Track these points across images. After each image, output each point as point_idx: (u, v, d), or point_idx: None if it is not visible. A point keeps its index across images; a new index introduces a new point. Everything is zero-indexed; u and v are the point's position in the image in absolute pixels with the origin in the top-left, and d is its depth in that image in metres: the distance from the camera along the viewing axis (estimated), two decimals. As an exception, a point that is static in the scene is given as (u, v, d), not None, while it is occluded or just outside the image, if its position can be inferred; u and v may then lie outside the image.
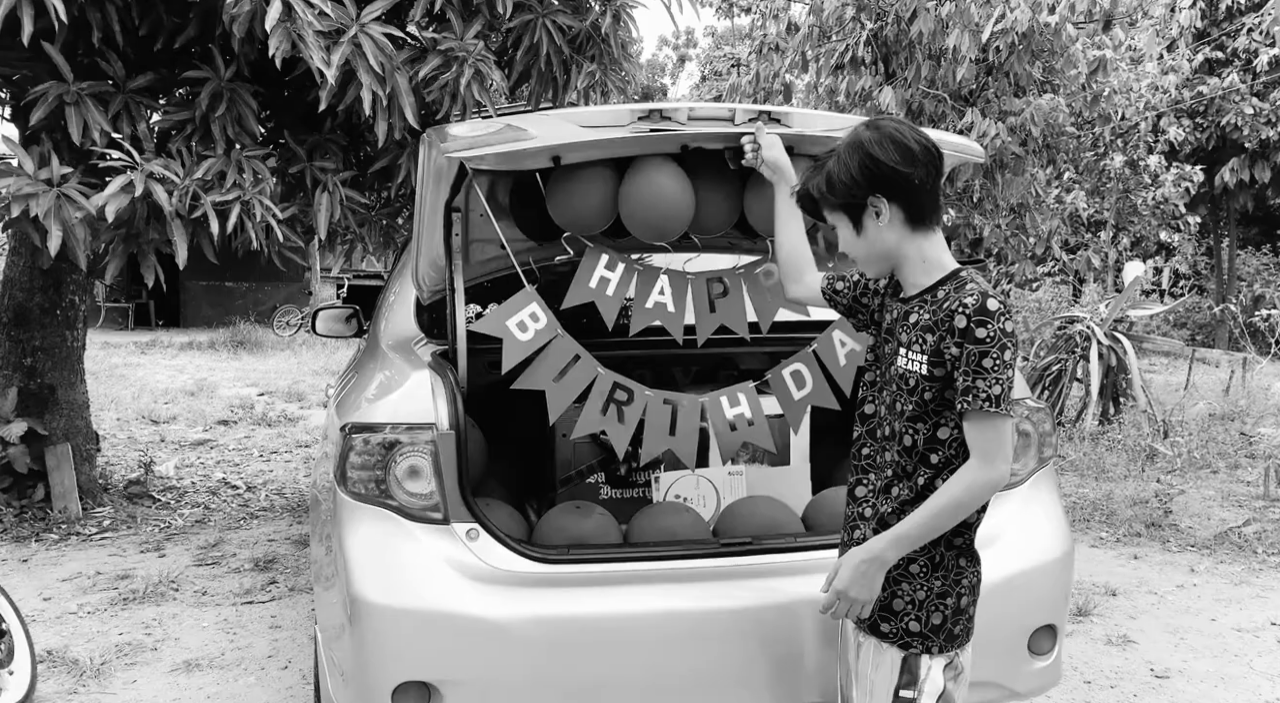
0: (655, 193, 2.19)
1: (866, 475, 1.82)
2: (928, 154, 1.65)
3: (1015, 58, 8.15)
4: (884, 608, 1.73)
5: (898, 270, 1.76)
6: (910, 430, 1.70)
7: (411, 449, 2.12)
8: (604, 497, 2.61)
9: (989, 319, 1.58)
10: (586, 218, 2.26)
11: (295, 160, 4.56)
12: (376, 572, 2.08)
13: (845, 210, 1.71)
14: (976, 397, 1.58)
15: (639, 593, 2.14)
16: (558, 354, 2.25)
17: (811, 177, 1.75)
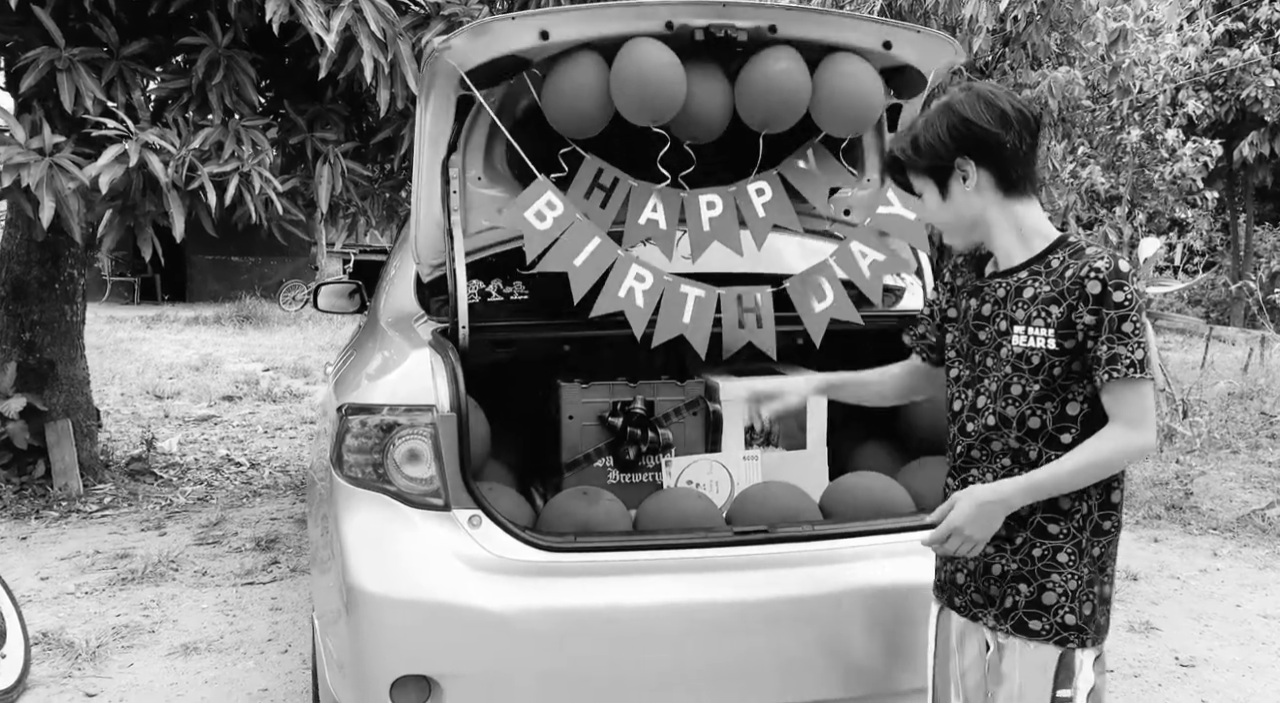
0: (644, 65, 2.17)
1: (969, 472, 1.69)
2: (1023, 118, 1.56)
3: (1034, 28, 7.95)
4: (1032, 603, 1.60)
5: (988, 241, 1.65)
6: (1037, 412, 1.58)
7: (411, 432, 2.02)
8: (612, 481, 2.50)
9: (1124, 282, 1.50)
10: (581, 113, 2.23)
11: (295, 131, 4.44)
12: (374, 560, 1.98)
13: (931, 174, 1.63)
14: (1121, 363, 1.49)
15: (649, 583, 2.04)
16: (577, 237, 2.30)
17: (898, 139, 1.66)
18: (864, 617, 2.11)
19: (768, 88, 2.28)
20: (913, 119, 1.67)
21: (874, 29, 2.34)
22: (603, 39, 2.22)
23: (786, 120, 2.34)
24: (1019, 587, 1.60)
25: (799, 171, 2.52)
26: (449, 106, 2.34)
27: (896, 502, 2.31)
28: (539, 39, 2.18)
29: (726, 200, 2.49)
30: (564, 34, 2.20)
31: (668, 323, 2.36)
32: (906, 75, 2.44)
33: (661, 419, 2.51)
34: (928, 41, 2.36)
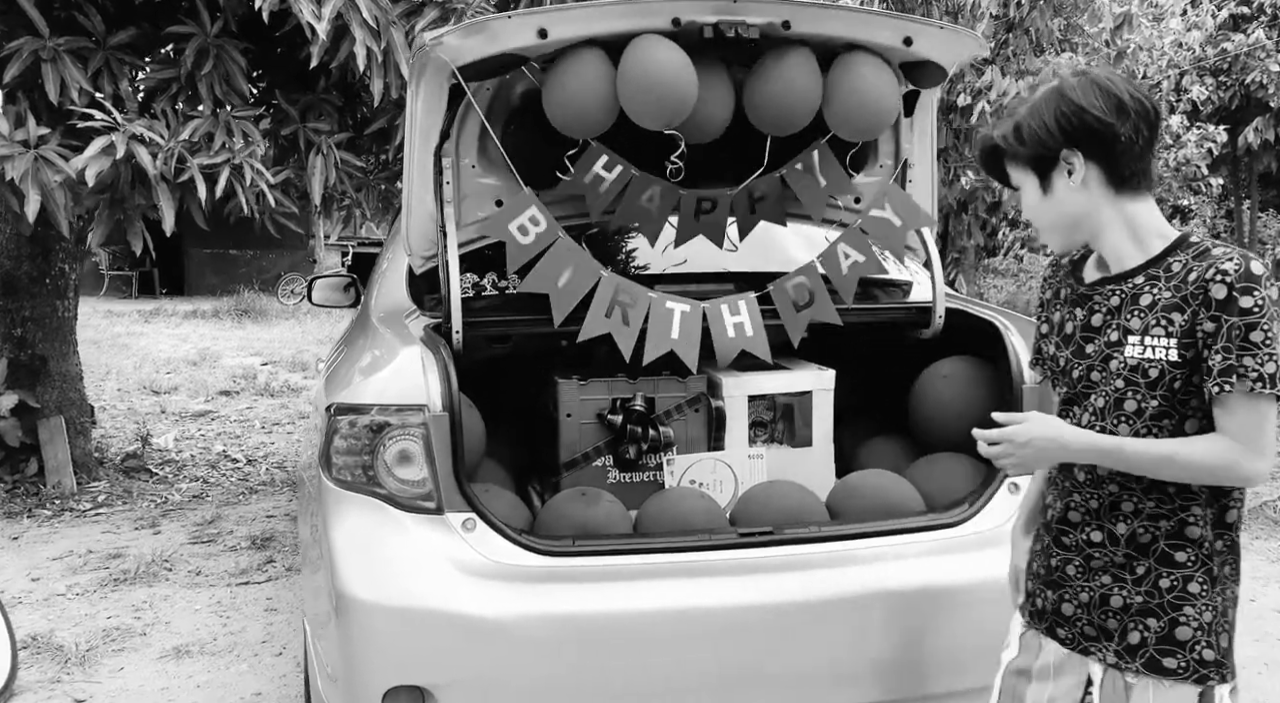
0: (655, 68, 2.06)
1: (1073, 497, 1.52)
2: (1142, 109, 1.41)
3: (1037, 13, 7.86)
4: (1164, 639, 1.43)
5: (1095, 241, 1.49)
6: (1153, 430, 1.42)
7: (401, 432, 1.94)
8: (612, 481, 2.43)
9: (1255, 286, 1.34)
10: (584, 111, 2.13)
11: (288, 121, 4.35)
12: (364, 567, 1.91)
13: (1033, 165, 1.47)
14: (1244, 377, 1.32)
15: (650, 588, 1.97)
16: (560, 257, 2.25)
17: (999, 124, 1.50)
18: (874, 622, 2.04)
19: (778, 90, 2.17)
20: (1013, 101, 1.53)
21: (894, 25, 2.21)
22: (605, 36, 2.11)
23: (796, 124, 2.23)
24: (1147, 622, 1.43)
25: (801, 176, 2.43)
26: (440, 96, 2.25)
27: (906, 501, 2.23)
28: (537, 38, 2.07)
29: (723, 203, 2.43)
30: (564, 32, 2.08)
31: (656, 340, 2.30)
32: (926, 67, 2.34)
33: (663, 416, 2.43)
34: (951, 37, 2.25)
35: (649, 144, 2.33)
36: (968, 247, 9.93)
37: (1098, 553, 1.47)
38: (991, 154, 1.53)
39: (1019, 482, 2.18)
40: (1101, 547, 1.47)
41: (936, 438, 2.49)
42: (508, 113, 2.38)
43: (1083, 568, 1.49)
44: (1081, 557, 1.50)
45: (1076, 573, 1.50)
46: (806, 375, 2.53)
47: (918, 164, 2.57)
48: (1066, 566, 1.51)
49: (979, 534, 2.12)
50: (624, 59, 2.10)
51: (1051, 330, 1.57)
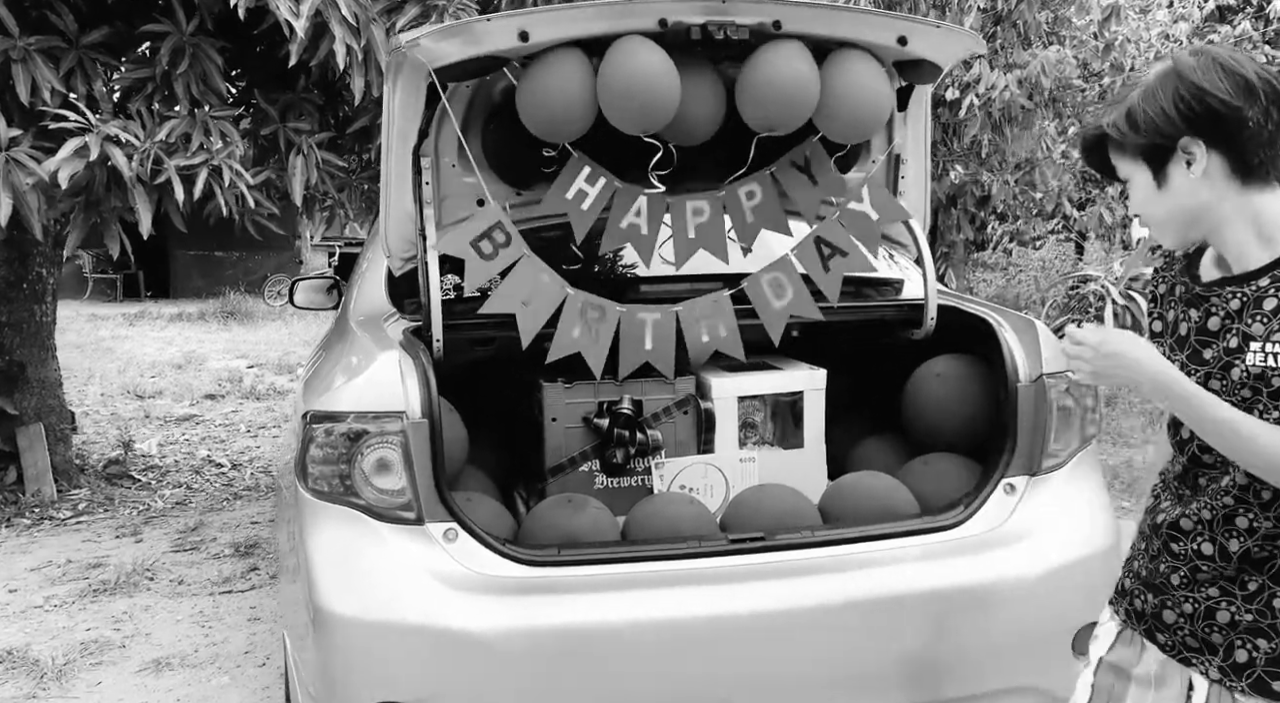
0: (635, 69, 1.99)
1: (1191, 505, 1.40)
2: (1271, 89, 1.27)
3: (1025, 6, 7.82)
4: (1275, 660, 1.32)
5: (1214, 238, 1.35)
6: None
7: (379, 441, 1.88)
8: (599, 487, 2.37)
9: None
10: (562, 114, 2.05)
11: (267, 121, 4.27)
12: (342, 580, 1.85)
13: (1146, 156, 1.32)
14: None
15: (638, 598, 1.91)
16: (525, 275, 2.19)
17: (1109, 111, 1.35)
18: (869, 628, 1.99)
19: (772, 88, 2.09)
20: (1123, 86, 1.36)
21: (889, 24, 2.15)
22: (587, 38, 2.04)
23: (792, 123, 2.15)
24: (1257, 643, 1.32)
25: (792, 174, 2.37)
26: (418, 95, 2.18)
27: (900, 504, 2.18)
28: (518, 41, 1.99)
29: (714, 206, 2.35)
30: (546, 35, 2.01)
31: (630, 352, 2.26)
32: (923, 66, 2.28)
33: (650, 419, 2.37)
34: (947, 36, 2.19)
35: (631, 149, 2.27)
36: (957, 241, 9.91)
37: (1205, 566, 1.36)
38: (1097, 144, 1.38)
39: (1014, 482, 2.13)
40: (1211, 561, 1.35)
41: (931, 438, 2.44)
42: (489, 111, 2.32)
43: (1188, 579, 1.38)
44: (1188, 568, 1.38)
45: (1181, 583, 1.39)
46: (798, 376, 2.47)
47: (911, 159, 2.52)
48: (1172, 574, 1.40)
49: (975, 537, 2.07)
50: (605, 62, 2.03)
51: (1165, 330, 1.43)
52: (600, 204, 2.28)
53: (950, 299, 2.50)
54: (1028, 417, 2.12)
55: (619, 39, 2.01)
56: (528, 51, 2.04)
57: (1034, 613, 2.05)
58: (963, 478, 2.25)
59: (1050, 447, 2.13)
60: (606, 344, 2.24)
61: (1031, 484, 2.12)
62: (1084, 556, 2.09)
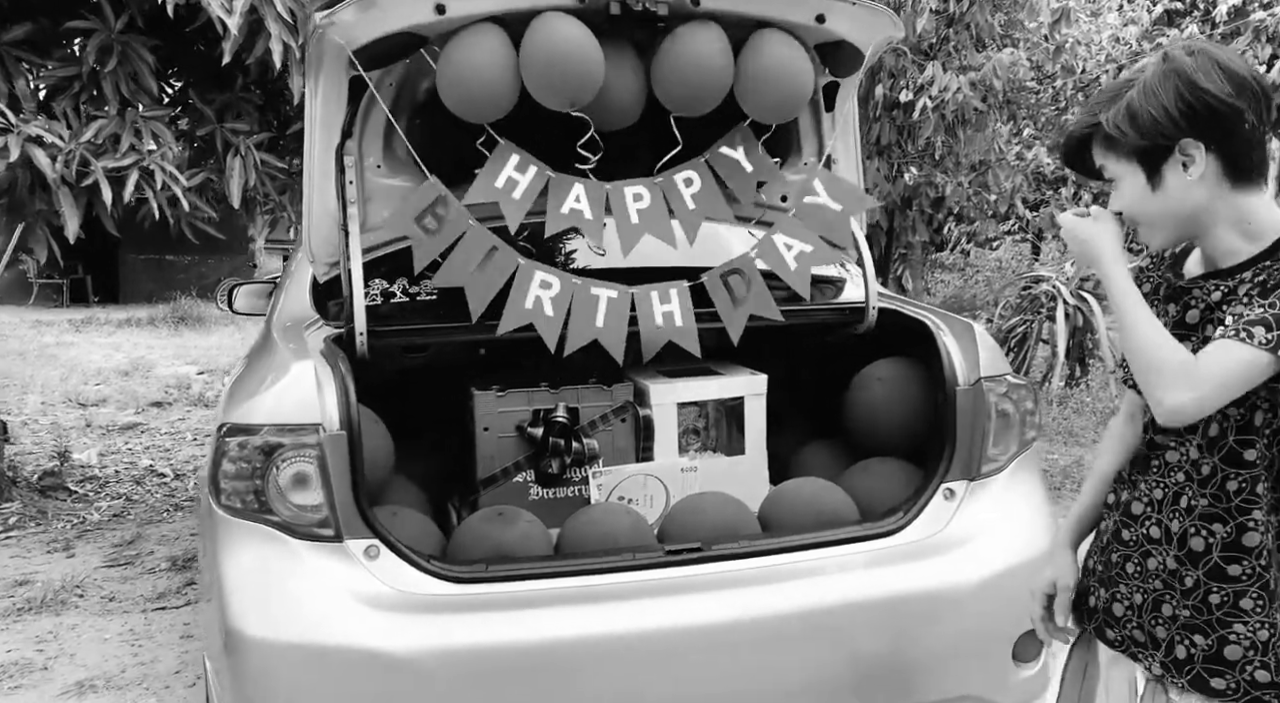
0: (556, 40, 1.97)
1: (1138, 487, 1.40)
2: (1263, 91, 1.25)
3: (977, 8, 7.88)
4: (1212, 658, 1.31)
5: (1203, 238, 1.33)
6: (1215, 418, 1.29)
7: (295, 454, 1.79)
8: (534, 498, 2.30)
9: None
10: (482, 92, 2.02)
11: (204, 122, 4.15)
12: (256, 601, 1.76)
13: (1141, 157, 1.29)
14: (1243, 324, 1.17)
15: (570, 614, 1.85)
16: (473, 246, 2.14)
17: (1103, 108, 1.30)
18: (809, 640, 1.94)
19: (687, 67, 2.09)
20: (1114, 83, 1.32)
21: (807, 1, 2.15)
22: (507, 13, 2.01)
23: (707, 103, 2.15)
24: (1194, 639, 1.32)
25: (726, 160, 2.33)
26: (341, 88, 2.12)
27: (840, 510, 2.14)
28: (434, 14, 1.97)
29: (654, 192, 2.31)
30: (463, 9, 1.98)
31: (580, 329, 2.19)
32: (842, 51, 2.27)
33: (587, 428, 2.31)
34: (864, 14, 2.18)
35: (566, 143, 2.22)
36: (914, 242, 9.97)
37: (1155, 551, 1.36)
38: (1082, 142, 1.35)
39: (954, 487, 2.10)
40: (1158, 545, 1.35)
41: (873, 442, 2.41)
42: (414, 108, 2.25)
43: (1140, 568, 1.38)
44: (1139, 554, 1.38)
45: (1135, 571, 1.38)
46: (738, 381, 2.43)
47: (841, 159, 2.49)
48: (1125, 562, 1.40)
49: (914, 543, 2.04)
50: (526, 37, 2.00)
51: None
52: (533, 193, 2.22)
53: (891, 302, 2.47)
54: (966, 421, 2.09)
55: (540, 14, 1.98)
56: (446, 27, 2.00)
57: (974, 621, 2.02)
58: (904, 483, 2.21)
59: (989, 451, 2.10)
60: (561, 317, 2.18)
61: (971, 489, 2.10)
62: (1024, 561, 2.06)
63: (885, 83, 7.79)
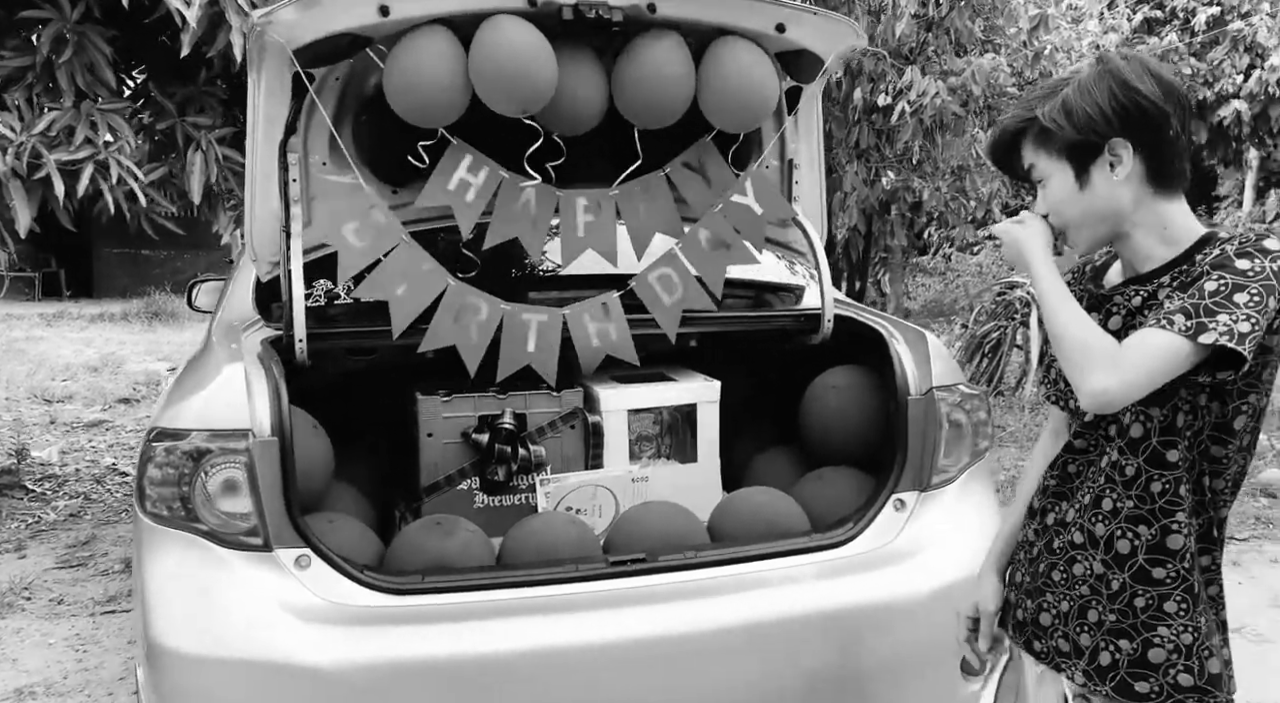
0: (506, 44, 1.91)
1: (1063, 494, 1.41)
2: (1185, 99, 1.29)
3: (956, 13, 7.89)
4: (1136, 662, 1.30)
5: (1122, 243, 1.34)
6: (1140, 418, 1.29)
7: (222, 460, 1.74)
8: (479, 506, 2.25)
9: (1258, 254, 1.20)
10: (431, 96, 1.96)
11: (165, 115, 4.08)
12: (180, 612, 1.71)
13: (1072, 154, 1.30)
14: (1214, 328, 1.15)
15: (511, 627, 1.80)
16: (402, 262, 2.08)
17: (1040, 102, 1.31)
18: (756, 653, 1.90)
19: (646, 77, 2.04)
20: (1050, 81, 1.33)
21: (767, 10, 2.11)
22: (454, 15, 1.96)
23: (668, 115, 2.10)
24: (1119, 644, 1.31)
25: (686, 175, 2.29)
26: (283, 85, 2.06)
27: (790, 520, 2.10)
28: (378, 15, 1.91)
29: (606, 205, 2.26)
30: (408, 10, 1.92)
31: (511, 354, 2.15)
32: (803, 59, 2.23)
33: (534, 434, 2.27)
34: (825, 24, 2.15)
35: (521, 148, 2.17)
36: (894, 246, 9.98)
37: (1080, 556, 1.36)
38: (1016, 137, 1.34)
39: (904, 498, 2.07)
40: (1083, 549, 1.35)
41: (827, 450, 2.38)
42: (361, 103, 2.19)
43: (1066, 574, 1.38)
44: (1065, 561, 1.38)
45: (1062, 579, 1.38)
46: (691, 387, 2.39)
47: (804, 165, 2.45)
48: (1052, 571, 1.39)
49: (863, 555, 2.01)
50: (475, 40, 1.95)
51: None
52: (485, 196, 2.18)
53: (847, 309, 2.44)
54: (918, 431, 2.06)
55: (490, 17, 1.93)
56: (391, 29, 1.94)
57: (924, 633, 1.99)
58: (857, 492, 2.18)
59: (940, 462, 2.07)
60: (485, 342, 2.14)
61: (922, 500, 2.06)
62: (974, 573, 2.02)
63: (864, 87, 7.79)
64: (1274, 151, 15.31)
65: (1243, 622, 3.43)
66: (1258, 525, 4.58)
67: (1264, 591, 3.75)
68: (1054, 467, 1.43)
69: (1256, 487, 5.05)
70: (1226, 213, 19.87)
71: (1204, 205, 19.16)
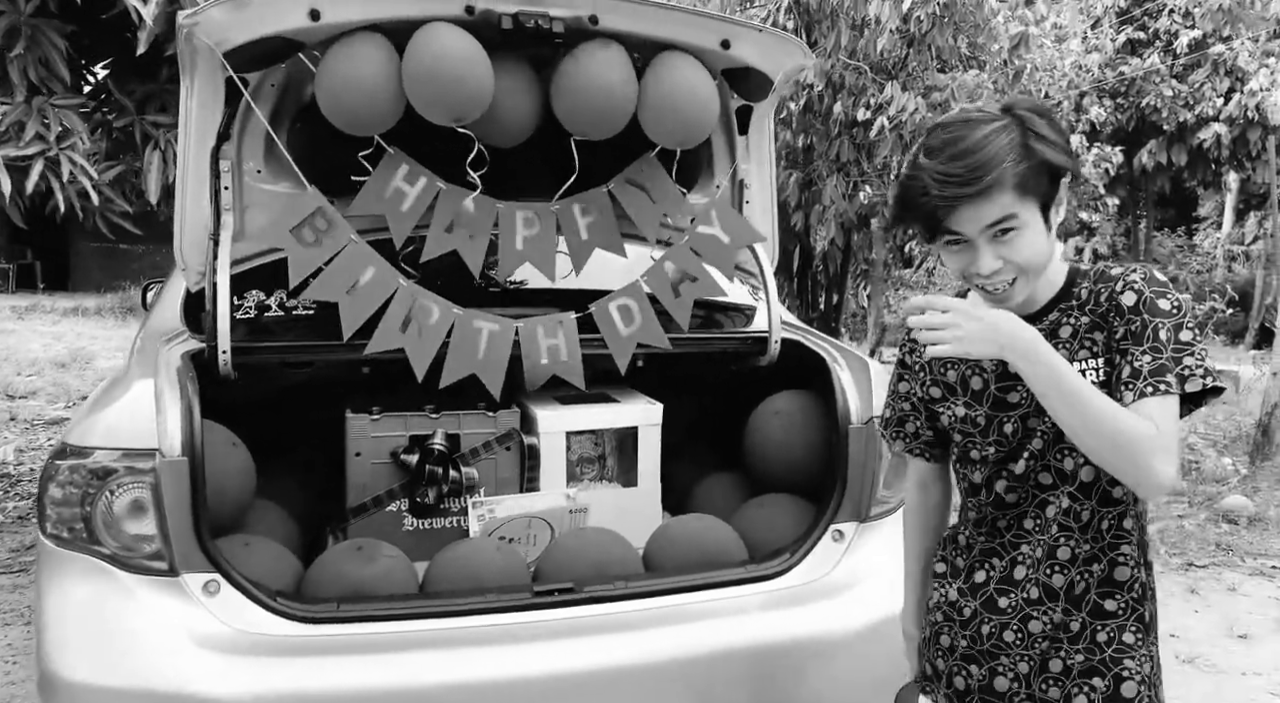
0: (440, 52, 1.87)
1: (1020, 549, 1.33)
2: None
3: (937, 29, 7.89)
4: (1110, 698, 1.29)
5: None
6: (1090, 464, 1.27)
7: (129, 481, 1.67)
8: (408, 529, 2.19)
9: (1166, 289, 1.23)
10: (363, 103, 1.91)
11: (124, 113, 4.01)
12: (75, 640, 1.64)
13: (1044, 198, 1.22)
14: (1191, 377, 1.17)
15: (429, 659, 1.74)
16: (352, 263, 2.03)
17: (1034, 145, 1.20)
18: (686, 689, 1.85)
19: (585, 88, 2.00)
20: (971, 140, 1.19)
21: (712, 26, 2.07)
22: (388, 22, 1.90)
23: (608, 126, 2.05)
24: (1092, 682, 1.29)
25: (630, 191, 2.24)
26: (216, 89, 2.00)
27: (726, 550, 2.05)
28: (309, 19, 1.85)
29: (547, 219, 2.21)
30: (340, 15, 1.87)
31: (459, 360, 2.09)
32: (751, 78, 2.19)
33: (467, 455, 2.20)
34: (772, 42, 2.11)
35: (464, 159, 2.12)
36: (875, 259, 9.97)
37: (1036, 612, 1.31)
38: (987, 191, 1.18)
39: (843, 529, 2.02)
40: (1039, 605, 1.31)
41: (770, 477, 2.33)
42: (297, 111, 2.13)
43: (1021, 633, 1.32)
44: (1019, 619, 1.32)
45: (1017, 639, 1.32)
46: (633, 410, 2.33)
47: (754, 184, 2.40)
48: (1003, 631, 1.33)
49: (800, 586, 1.96)
50: (410, 46, 1.90)
51: (950, 393, 1.37)
52: (422, 206, 2.13)
53: (795, 333, 2.39)
54: (858, 461, 2.01)
55: (424, 24, 1.89)
56: (323, 34, 1.89)
57: (858, 668, 1.94)
58: (797, 521, 2.13)
59: (880, 492, 2.02)
60: (434, 347, 2.08)
61: (860, 531, 2.02)
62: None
63: (845, 101, 7.78)
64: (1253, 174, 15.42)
65: (1197, 652, 3.40)
66: (1217, 552, 4.56)
67: (1220, 619, 3.72)
68: (976, 524, 1.38)
69: (1219, 512, 5.04)
70: (1206, 234, 20.04)
71: (1184, 227, 19.29)
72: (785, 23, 7.76)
